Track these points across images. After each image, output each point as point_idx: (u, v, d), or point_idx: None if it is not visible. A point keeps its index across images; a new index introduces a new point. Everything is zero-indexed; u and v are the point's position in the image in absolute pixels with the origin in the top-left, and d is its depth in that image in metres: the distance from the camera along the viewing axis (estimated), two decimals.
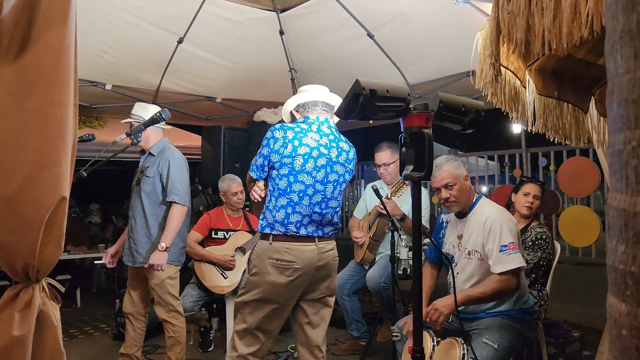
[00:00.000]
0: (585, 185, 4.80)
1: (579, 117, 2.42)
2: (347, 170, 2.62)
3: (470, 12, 3.24)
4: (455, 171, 2.64)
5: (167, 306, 3.29)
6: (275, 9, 4.17)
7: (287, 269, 2.40)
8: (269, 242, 2.42)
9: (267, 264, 2.39)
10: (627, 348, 0.49)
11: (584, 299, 4.53)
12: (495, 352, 2.38)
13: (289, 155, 2.42)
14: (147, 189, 3.28)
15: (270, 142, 2.45)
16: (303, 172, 2.44)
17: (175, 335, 3.31)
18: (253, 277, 2.44)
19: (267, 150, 2.46)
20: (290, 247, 2.41)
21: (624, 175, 0.50)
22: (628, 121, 0.50)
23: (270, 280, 2.39)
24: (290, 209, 2.42)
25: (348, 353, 4.08)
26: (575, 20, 1.20)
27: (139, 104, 3.54)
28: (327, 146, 2.51)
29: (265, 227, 2.45)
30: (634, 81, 0.48)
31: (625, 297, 0.50)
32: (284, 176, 2.43)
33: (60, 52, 1.38)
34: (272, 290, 2.40)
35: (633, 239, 0.49)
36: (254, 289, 2.43)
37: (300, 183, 2.43)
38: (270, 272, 2.39)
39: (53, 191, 1.38)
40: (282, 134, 2.45)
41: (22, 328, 1.39)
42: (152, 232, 3.25)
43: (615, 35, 0.51)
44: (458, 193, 2.63)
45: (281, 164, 2.43)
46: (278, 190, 2.44)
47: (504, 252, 2.46)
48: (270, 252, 2.40)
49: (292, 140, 2.44)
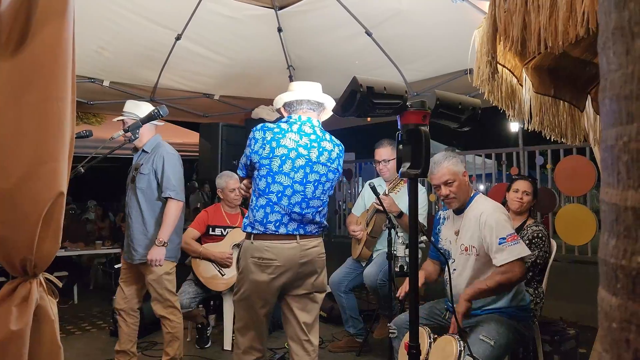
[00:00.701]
0: (582, 183, 4.81)
1: (575, 115, 2.43)
2: (330, 169, 2.61)
3: (468, 10, 3.24)
4: (454, 167, 2.65)
5: (165, 302, 3.30)
6: (273, 6, 4.17)
7: (268, 267, 2.43)
8: (250, 241, 2.46)
9: (249, 262, 2.45)
10: (618, 340, 0.50)
11: (579, 296, 4.54)
12: (491, 348, 2.40)
13: (267, 157, 2.45)
14: (142, 186, 3.28)
15: (251, 143, 2.50)
16: (280, 173, 2.46)
17: (173, 331, 3.32)
18: (239, 275, 2.53)
19: (249, 151, 2.51)
20: (270, 246, 2.44)
21: (616, 170, 0.51)
22: (620, 117, 0.50)
23: (253, 278, 2.44)
24: (269, 208, 2.45)
25: (344, 350, 4.09)
26: (571, 18, 1.21)
27: (131, 101, 3.55)
28: (307, 146, 2.52)
29: (247, 226, 2.50)
30: (626, 77, 0.49)
31: (616, 290, 0.51)
32: (263, 177, 2.47)
33: (58, 47, 1.38)
34: (255, 288, 2.46)
35: (624, 233, 0.50)
36: (241, 288, 2.50)
37: (278, 184, 2.46)
38: (253, 270, 2.44)
39: (51, 186, 1.39)
40: (262, 135, 2.48)
41: (19, 322, 1.39)
42: (148, 228, 3.26)
43: (608, 32, 0.52)
44: (457, 189, 2.64)
45: (260, 165, 2.47)
46: (258, 191, 2.49)
47: (503, 243, 2.46)
48: (251, 251, 2.45)
49: (270, 141, 2.46)
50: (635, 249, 0.48)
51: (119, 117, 3.47)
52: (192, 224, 4.26)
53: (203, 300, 4.21)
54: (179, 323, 3.37)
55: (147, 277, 3.27)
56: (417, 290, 1.51)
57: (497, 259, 2.47)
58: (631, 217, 0.49)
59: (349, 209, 6.22)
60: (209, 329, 4.35)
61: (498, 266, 2.47)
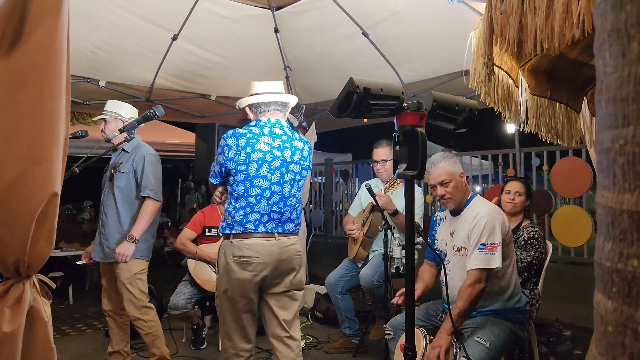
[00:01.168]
0: (578, 185, 4.83)
1: (572, 117, 2.43)
2: (303, 167, 2.70)
3: (464, 11, 3.24)
4: (451, 168, 2.64)
5: (138, 302, 3.25)
6: (270, 7, 4.17)
7: (250, 264, 2.49)
8: (230, 241, 2.51)
9: (230, 261, 2.50)
10: (613, 344, 0.50)
11: (575, 298, 4.55)
12: (487, 350, 2.40)
13: (243, 163, 2.50)
14: (120, 184, 3.27)
15: (224, 150, 2.53)
16: (258, 177, 2.52)
17: (152, 330, 3.28)
18: (219, 277, 2.57)
19: (223, 158, 2.53)
20: (249, 243, 2.50)
21: (612, 173, 0.50)
22: (616, 119, 0.50)
23: (235, 277, 2.49)
24: (249, 209, 2.51)
25: (340, 351, 4.08)
26: (567, 20, 1.21)
27: (113, 101, 3.53)
28: (281, 147, 2.59)
29: (225, 228, 2.55)
30: (622, 79, 0.49)
31: (611, 294, 0.50)
32: (240, 182, 2.52)
33: (52, 47, 1.37)
34: (238, 286, 2.50)
35: (620, 236, 0.49)
36: (223, 289, 2.54)
37: (256, 187, 2.52)
38: (234, 269, 2.49)
39: (44, 187, 1.38)
40: (235, 141, 2.51)
41: (12, 324, 1.38)
42: (124, 227, 3.25)
43: (604, 34, 0.51)
44: (453, 190, 2.63)
45: (236, 171, 2.51)
46: (236, 194, 2.53)
47: (481, 250, 2.47)
48: (232, 250, 2.50)
49: (244, 147, 2.51)
50: (631, 253, 0.48)
51: (100, 116, 3.43)
52: (187, 225, 4.25)
53: (199, 301, 4.19)
54: (155, 321, 3.33)
55: (119, 277, 3.24)
56: (413, 292, 1.51)
57: (468, 262, 2.50)
58: (627, 221, 0.48)
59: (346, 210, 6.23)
60: (205, 329, 4.34)
61: (467, 270, 2.48)
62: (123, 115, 3.40)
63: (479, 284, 2.44)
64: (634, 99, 0.47)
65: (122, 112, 3.41)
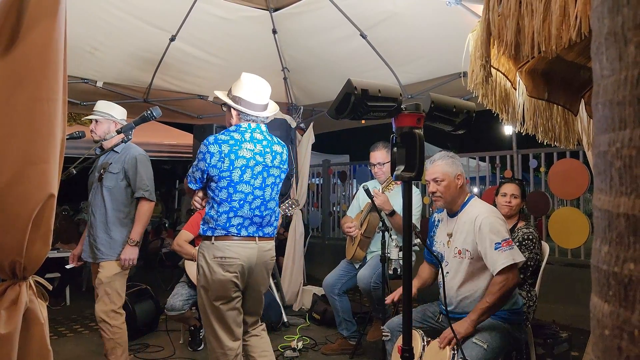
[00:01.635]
0: (575, 187, 4.83)
1: (569, 119, 2.43)
2: (282, 170, 2.78)
3: (462, 13, 3.25)
4: (447, 168, 2.68)
5: (110, 305, 3.18)
6: (268, 8, 4.17)
7: (231, 265, 2.55)
8: (211, 242, 2.56)
9: (211, 263, 2.54)
10: (610, 348, 0.50)
11: (572, 299, 4.56)
12: (484, 352, 2.40)
13: (227, 169, 2.54)
14: (109, 185, 3.24)
15: (206, 157, 2.54)
16: (242, 182, 2.57)
17: (115, 337, 3.17)
18: (200, 277, 2.59)
19: (204, 165, 2.54)
20: (231, 245, 2.56)
21: (608, 176, 0.50)
22: (613, 123, 0.50)
23: (217, 278, 2.53)
24: (232, 213, 2.57)
25: (338, 352, 4.08)
26: (564, 22, 1.21)
27: (103, 101, 3.49)
28: (262, 153, 2.64)
29: (207, 231, 2.58)
30: (619, 83, 0.49)
31: (608, 297, 0.50)
32: (223, 188, 2.56)
33: (49, 47, 1.37)
34: (220, 287, 2.54)
35: (616, 240, 0.49)
36: (206, 291, 2.57)
37: (240, 192, 2.57)
38: (216, 270, 2.54)
39: (41, 188, 1.37)
40: (218, 148, 2.53)
41: (8, 326, 1.38)
42: (111, 227, 3.22)
43: (601, 37, 0.51)
44: (444, 189, 2.67)
45: (220, 178, 2.55)
46: (219, 199, 2.57)
47: (499, 249, 2.47)
48: (213, 251, 2.55)
49: (228, 154, 2.54)
50: (627, 256, 0.48)
51: (91, 116, 3.39)
52: (185, 226, 4.24)
53: (196, 302, 4.18)
54: (121, 329, 3.22)
55: (99, 275, 3.18)
56: (410, 294, 1.51)
57: (495, 264, 2.47)
58: (624, 224, 0.48)
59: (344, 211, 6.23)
60: (202, 331, 4.32)
61: (496, 273, 2.47)
62: (114, 116, 3.38)
63: (510, 280, 2.45)
64: (631, 102, 0.47)
65: (113, 113, 3.38)
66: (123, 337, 3.24)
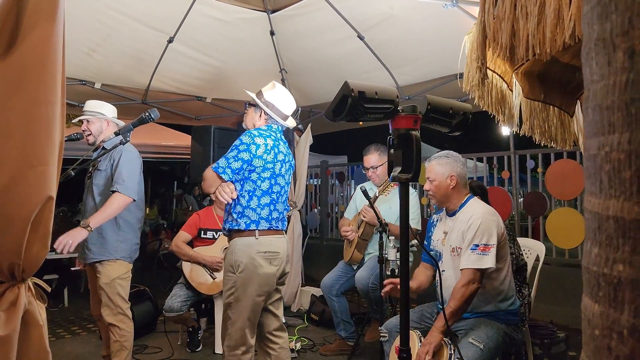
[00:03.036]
0: (572, 187, 4.85)
1: (565, 120, 2.44)
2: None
3: (459, 15, 3.26)
4: (439, 168, 2.72)
5: (116, 308, 3.16)
6: (265, 10, 4.18)
7: (275, 259, 2.67)
8: (255, 237, 2.62)
9: (257, 257, 2.60)
10: (600, 347, 0.51)
11: (569, 300, 4.57)
12: (481, 352, 2.41)
13: (272, 161, 2.68)
14: (98, 182, 3.18)
15: (251, 148, 2.62)
16: (280, 175, 2.74)
17: (121, 339, 3.16)
18: (242, 274, 2.59)
19: (249, 156, 2.61)
20: (273, 239, 2.68)
21: (598, 179, 0.51)
22: (602, 127, 0.51)
23: (263, 272, 2.61)
24: (272, 206, 2.70)
25: (336, 353, 4.09)
26: (559, 25, 1.22)
27: (92, 100, 3.43)
28: (287, 152, 2.85)
29: (249, 224, 2.63)
30: (608, 88, 0.50)
31: (598, 298, 0.51)
32: (266, 179, 2.67)
33: (48, 50, 1.37)
34: (265, 281, 2.62)
35: (606, 242, 0.50)
36: (246, 285, 2.59)
37: (277, 185, 2.73)
38: (262, 264, 2.61)
39: (40, 190, 1.38)
40: (264, 141, 2.67)
41: (7, 327, 1.38)
42: (102, 226, 3.08)
43: (591, 43, 0.52)
44: (435, 189, 2.73)
45: (264, 168, 2.65)
46: (260, 191, 2.66)
47: (474, 250, 2.49)
48: (257, 246, 2.61)
49: (273, 147, 2.70)
50: (616, 258, 0.49)
51: (82, 117, 3.33)
52: (183, 227, 4.25)
53: (194, 303, 4.19)
54: (129, 332, 3.21)
55: (98, 280, 3.14)
56: (407, 294, 1.51)
57: (461, 261, 2.54)
58: (613, 226, 0.49)
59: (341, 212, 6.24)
60: (200, 332, 4.33)
61: (460, 269, 2.52)
62: (105, 114, 3.32)
63: (473, 284, 2.45)
64: (619, 107, 0.48)
65: (104, 111, 3.32)
66: (129, 340, 3.23)
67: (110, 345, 3.19)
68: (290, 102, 2.88)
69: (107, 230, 3.14)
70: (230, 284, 2.62)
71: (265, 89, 2.86)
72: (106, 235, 3.15)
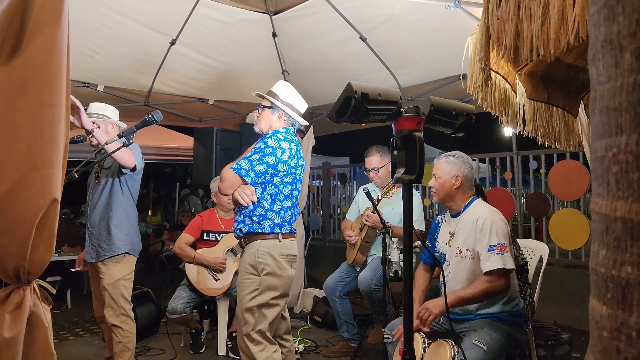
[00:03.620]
0: (575, 188, 4.84)
1: (569, 121, 2.44)
2: None
3: (461, 16, 3.26)
4: (446, 167, 2.74)
5: (119, 309, 3.18)
6: (268, 11, 4.18)
7: (294, 262, 2.70)
8: (279, 240, 2.62)
9: (281, 260, 2.61)
10: (608, 349, 0.51)
11: (573, 301, 4.56)
12: (484, 353, 2.40)
13: (295, 167, 2.69)
14: (104, 181, 3.24)
15: (277, 152, 2.59)
16: (300, 180, 2.76)
17: (125, 341, 3.19)
18: (267, 276, 2.58)
19: (274, 160, 2.58)
20: (292, 243, 2.71)
21: (606, 181, 0.51)
22: (609, 128, 0.51)
23: (287, 275, 2.64)
24: (293, 209, 2.72)
25: (339, 355, 4.08)
26: (563, 26, 1.22)
27: (95, 103, 3.46)
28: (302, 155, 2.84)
29: (274, 227, 2.62)
30: (615, 90, 0.50)
31: (606, 300, 0.51)
32: (288, 184, 2.67)
33: (53, 53, 1.38)
34: (288, 283, 2.66)
35: (614, 243, 0.50)
36: (271, 288, 2.58)
37: (297, 190, 2.73)
38: (286, 267, 2.63)
39: (44, 192, 1.38)
40: (289, 145, 2.65)
41: (13, 329, 1.39)
42: (109, 223, 3.18)
43: (598, 44, 0.52)
44: (439, 186, 2.75)
45: (287, 173, 2.65)
46: (282, 195, 2.65)
47: (492, 251, 2.49)
48: (281, 249, 2.62)
49: (297, 152, 2.71)
50: (625, 259, 0.49)
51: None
52: (186, 229, 4.25)
53: (197, 305, 4.19)
54: (132, 333, 3.24)
55: (102, 281, 3.17)
56: (411, 295, 1.51)
57: (484, 265, 2.52)
58: (620, 228, 0.49)
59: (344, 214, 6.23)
60: (203, 334, 4.33)
61: (484, 273, 2.50)
62: (109, 116, 3.35)
63: (499, 283, 2.48)
64: (627, 109, 0.48)
65: (107, 113, 3.35)
66: (132, 341, 3.25)
67: (113, 346, 3.20)
68: (302, 101, 2.87)
69: (113, 227, 3.21)
70: (254, 286, 2.56)
71: (278, 89, 2.81)
72: (112, 231, 3.20)
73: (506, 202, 5.21)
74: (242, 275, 2.62)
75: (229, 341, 4.10)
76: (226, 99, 5.54)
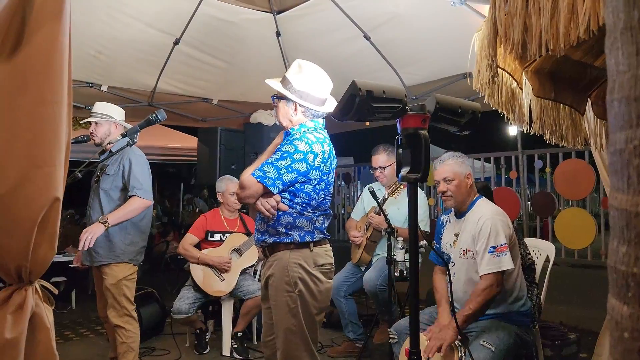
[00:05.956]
0: (581, 187, 4.80)
1: (576, 119, 2.42)
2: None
3: (466, 13, 3.23)
4: (457, 167, 2.69)
5: (122, 310, 3.16)
6: (271, 11, 4.16)
7: (330, 272, 2.36)
8: (310, 250, 2.28)
9: (316, 272, 2.27)
10: (630, 351, 0.48)
11: (580, 300, 4.52)
12: (492, 354, 2.38)
13: (328, 171, 2.33)
14: (105, 187, 3.19)
15: (308, 158, 2.21)
16: (331, 184, 2.38)
17: (128, 341, 3.17)
18: (302, 292, 2.25)
19: (305, 167, 2.21)
20: (327, 249, 2.36)
21: (626, 175, 0.49)
22: (630, 119, 0.49)
23: (324, 288, 2.30)
24: (325, 214, 2.38)
25: (344, 355, 4.06)
26: (573, 20, 1.20)
27: (100, 102, 3.45)
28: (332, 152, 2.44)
29: (304, 237, 2.27)
30: (636, 78, 0.48)
31: (627, 299, 0.49)
32: (321, 190, 2.31)
33: (54, 51, 1.36)
34: (326, 298, 2.33)
35: (635, 240, 0.48)
36: (307, 305, 2.26)
37: (329, 195, 2.38)
38: (322, 279, 2.29)
39: (46, 191, 1.37)
40: (321, 148, 2.27)
41: (14, 330, 1.37)
42: (109, 230, 3.08)
43: (617, 32, 0.50)
44: (455, 189, 2.67)
45: (320, 180, 2.29)
46: (315, 202, 2.30)
47: (492, 253, 2.47)
48: (315, 259, 2.29)
49: (329, 156, 2.33)
50: None
51: (90, 118, 3.34)
52: (190, 230, 4.24)
53: (202, 305, 4.18)
54: (135, 333, 3.22)
55: (105, 281, 3.15)
56: (417, 296, 1.49)
57: (481, 267, 2.50)
58: None
59: (348, 213, 6.21)
60: (208, 334, 4.32)
61: (480, 276, 2.49)
62: (114, 117, 3.33)
63: (493, 288, 2.44)
64: None
65: (112, 114, 3.33)
66: (136, 342, 3.23)
67: (117, 347, 3.19)
68: (324, 81, 2.40)
69: (114, 234, 3.14)
70: (291, 304, 2.24)
71: (291, 74, 2.37)
72: (113, 238, 3.15)
73: (511, 202, 5.18)
74: (277, 294, 2.28)
75: (234, 342, 4.09)
76: (230, 98, 5.53)
